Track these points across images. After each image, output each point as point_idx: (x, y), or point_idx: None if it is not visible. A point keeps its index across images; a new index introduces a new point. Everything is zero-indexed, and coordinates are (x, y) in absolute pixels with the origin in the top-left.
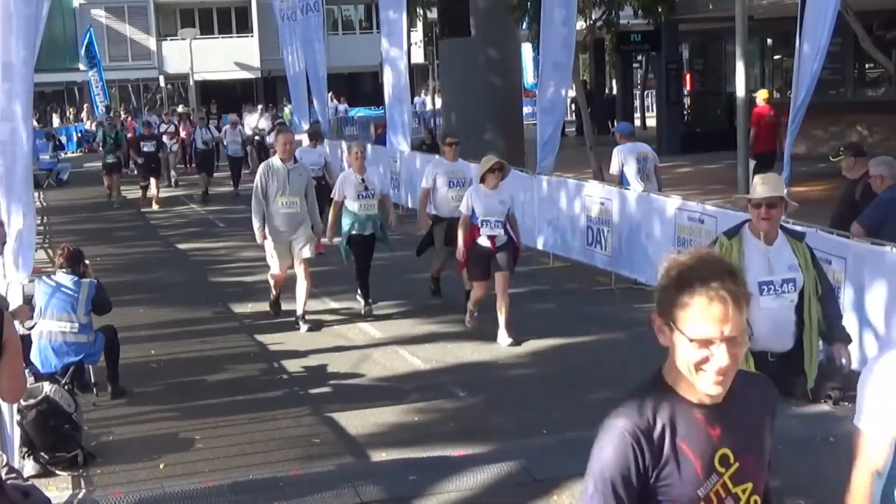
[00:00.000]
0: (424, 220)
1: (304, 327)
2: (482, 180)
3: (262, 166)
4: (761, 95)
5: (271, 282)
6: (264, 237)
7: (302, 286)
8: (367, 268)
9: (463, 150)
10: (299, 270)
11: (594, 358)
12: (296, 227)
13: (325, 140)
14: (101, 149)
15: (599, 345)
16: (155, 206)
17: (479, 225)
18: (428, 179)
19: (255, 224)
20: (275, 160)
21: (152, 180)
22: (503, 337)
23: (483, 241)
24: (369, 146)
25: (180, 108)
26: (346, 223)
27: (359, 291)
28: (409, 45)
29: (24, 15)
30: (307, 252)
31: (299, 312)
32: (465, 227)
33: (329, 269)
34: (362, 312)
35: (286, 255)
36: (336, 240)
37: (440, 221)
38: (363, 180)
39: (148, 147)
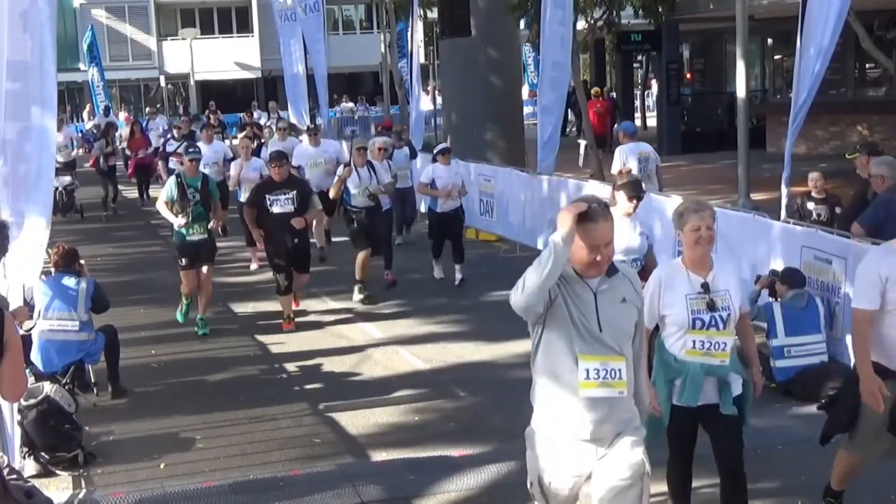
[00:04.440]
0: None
1: None
2: None
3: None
4: (594, 92)
5: None
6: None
7: None
8: (688, 465)
9: (463, 149)
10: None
11: None
12: (611, 425)
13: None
14: (167, 207)
15: None
16: (288, 325)
17: None
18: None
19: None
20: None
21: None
22: None
23: None
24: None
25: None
26: (659, 377)
27: None
28: (413, 45)
29: (44, 13)
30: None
31: None
32: None
33: (329, 269)
34: None
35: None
36: None
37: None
38: (706, 288)
39: (280, 204)
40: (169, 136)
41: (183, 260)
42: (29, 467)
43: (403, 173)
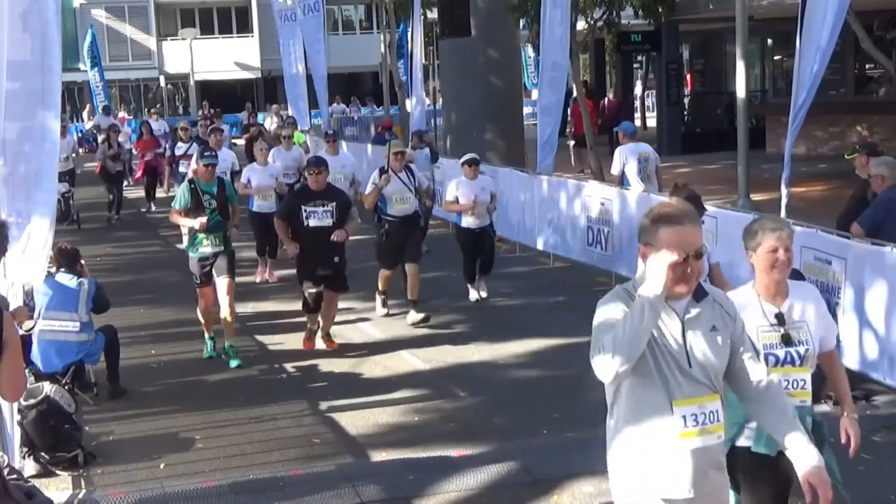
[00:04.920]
0: None
1: None
2: None
3: None
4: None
5: None
6: None
7: None
8: None
9: (462, 149)
10: None
11: None
12: (710, 477)
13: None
14: (181, 215)
15: None
16: (310, 344)
17: None
18: None
19: None
20: None
21: None
22: None
23: None
24: (368, 146)
25: (154, 122)
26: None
27: None
28: (412, 45)
29: (50, 10)
30: None
31: None
32: None
33: None
34: None
35: None
36: None
37: None
38: (781, 319)
39: (318, 217)
40: (177, 141)
41: (198, 277)
42: (29, 467)
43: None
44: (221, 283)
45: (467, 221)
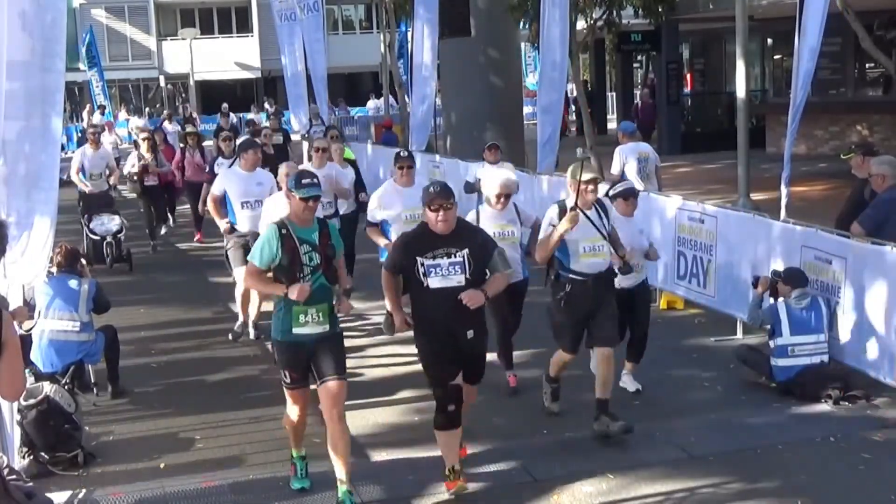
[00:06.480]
0: None
1: None
2: None
3: None
4: None
5: None
6: None
7: None
8: None
9: (463, 149)
10: None
11: None
12: None
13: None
14: (259, 277)
15: None
16: (453, 485)
17: None
18: None
19: None
20: None
21: None
22: None
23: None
24: (369, 145)
25: (168, 124)
26: None
27: None
28: (412, 45)
29: (57, 7)
30: None
31: None
32: None
33: None
34: None
35: None
36: None
37: None
38: None
39: (443, 273)
40: (217, 156)
41: (287, 374)
42: (29, 467)
43: None
44: (329, 388)
45: (620, 282)
